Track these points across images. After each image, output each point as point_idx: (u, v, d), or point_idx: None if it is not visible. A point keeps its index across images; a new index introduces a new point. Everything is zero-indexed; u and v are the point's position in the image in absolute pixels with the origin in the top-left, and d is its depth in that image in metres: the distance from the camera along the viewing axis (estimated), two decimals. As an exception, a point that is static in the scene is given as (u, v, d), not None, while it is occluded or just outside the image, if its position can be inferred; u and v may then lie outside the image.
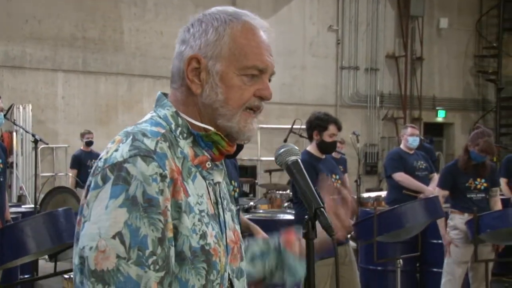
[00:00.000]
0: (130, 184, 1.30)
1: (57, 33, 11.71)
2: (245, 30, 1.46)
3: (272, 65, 1.50)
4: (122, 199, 1.29)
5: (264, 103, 1.51)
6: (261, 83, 1.47)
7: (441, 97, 15.88)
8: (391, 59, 15.26)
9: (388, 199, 6.99)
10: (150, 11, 12.48)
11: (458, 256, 5.31)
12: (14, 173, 11.06)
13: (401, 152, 6.95)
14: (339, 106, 14.56)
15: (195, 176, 1.43)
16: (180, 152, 1.42)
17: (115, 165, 1.32)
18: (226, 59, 1.44)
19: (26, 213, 6.28)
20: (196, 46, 1.46)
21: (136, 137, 1.36)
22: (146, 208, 1.29)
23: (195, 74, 1.45)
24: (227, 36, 1.44)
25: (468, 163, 5.30)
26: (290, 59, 13.90)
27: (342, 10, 14.62)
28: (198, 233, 1.38)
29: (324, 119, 4.63)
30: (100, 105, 12.13)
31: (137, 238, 1.28)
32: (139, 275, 1.27)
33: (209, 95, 1.44)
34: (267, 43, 1.49)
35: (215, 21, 1.46)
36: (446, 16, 15.73)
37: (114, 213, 1.29)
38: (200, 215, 1.40)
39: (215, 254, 1.40)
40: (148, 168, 1.31)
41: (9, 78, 11.41)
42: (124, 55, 12.28)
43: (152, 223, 1.29)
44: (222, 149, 1.48)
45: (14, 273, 5.40)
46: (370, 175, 14.65)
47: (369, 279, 6.68)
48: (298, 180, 1.45)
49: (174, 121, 1.45)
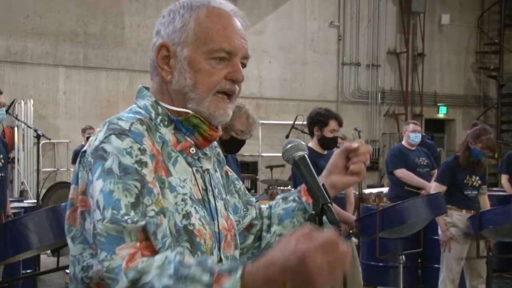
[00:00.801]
0: (107, 160, 1.32)
1: (58, 28, 11.69)
2: (210, 14, 1.47)
3: (244, 48, 1.49)
4: (98, 172, 1.31)
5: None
6: (231, 66, 1.47)
7: (443, 93, 15.86)
8: (393, 55, 15.24)
9: (390, 195, 6.99)
10: (151, 6, 12.46)
11: (456, 253, 5.31)
12: (15, 168, 11.05)
13: (403, 149, 6.95)
14: (340, 102, 14.54)
15: (176, 160, 1.44)
16: (159, 137, 1.44)
17: (94, 150, 1.36)
18: (192, 44, 1.45)
19: (28, 208, 6.27)
20: (165, 34, 1.49)
21: (112, 122, 1.39)
22: (121, 176, 1.30)
23: (165, 61, 1.48)
24: (193, 21, 1.46)
25: (469, 160, 5.30)
26: (291, 54, 13.89)
27: (343, 6, 14.59)
28: (181, 213, 1.39)
29: (324, 115, 4.63)
30: (101, 101, 12.12)
31: (110, 199, 1.29)
32: (119, 231, 1.27)
33: (178, 80, 1.46)
34: (238, 27, 1.49)
35: (181, 9, 1.49)
36: (448, 12, 15.70)
37: (98, 185, 1.31)
38: (183, 196, 1.41)
39: (199, 235, 1.41)
40: (123, 143, 1.33)
41: (10, 73, 11.39)
42: (125, 50, 12.27)
43: (126, 189, 1.30)
44: (204, 134, 1.48)
45: (17, 268, 5.40)
46: (371, 171, 14.64)
47: (371, 275, 6.68)
48: (305, 176, 1.45)
49: (154, 110, 1.48)
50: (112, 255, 1.25)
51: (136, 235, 1.27)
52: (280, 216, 1.68)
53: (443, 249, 5.36)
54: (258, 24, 13.27)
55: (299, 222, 1.67)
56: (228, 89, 1.47)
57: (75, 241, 1.41)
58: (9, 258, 4.13)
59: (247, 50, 1.50)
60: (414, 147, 6.97)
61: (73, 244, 1.42)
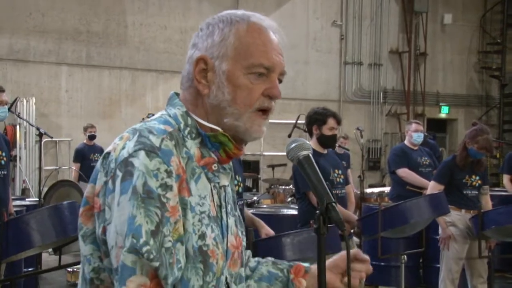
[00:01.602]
0: (133, 177, 1.31)
1: (61, 27, 11.70)
2: (250, 29, 1.47)
3: (281, 64, 1.49)
4: (130, 193, 1.31)
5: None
6: (269, 82, 1.46)
7: (445, 93, 15.85)
8: (395, 55, 15.23)
9: (392, 195, 6.99)
10: (153, 5, 12.46)
11: (455, 252, 5.31)
12: (17, 166, 11.07)
13: (405, 148, 6.95)
14: (342, 101, 14.54)
15: (199, 177, 1.43)
16: (185, 152, 1.42)
17: (122, 162, 1.34)
18: (232, 59, 1.44)
19: (30, 206, 6.27)
20: (203, 47, 1.47)
21: (142, 134, 1.37)
22: (144, 199, 1.30)
23: (202, 75, 1.46)
24: (232, 36, 1.45)
25: (467, 160, 5.30)
26: (293, 54, 13.87)
27: (346, 5, 14.59)
28: (197, 233, 1.38)
29: (322, 113, 4.63)
30: (104, 99, 12.13)
31: (132, 226, 1.29)
32: (133, 261, 1.28)
33: (216, 95, 1.45)
34: (276, 43, 1.49)
35: (221, 23, 1.47)
36: (450, 12, 15.69)
37: (125, 208, 1.31)
38: (200, 216, 1.40)
39: (212, 256, 1.40)
40: (151, 163, 1.32)
41: (12, 71, 11.41)
42: (127, 49, 12.27)
43: (148, 215, 1.29)
44: (229, 152, 1.47)
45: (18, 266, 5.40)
46: (373, 170, 14.65)
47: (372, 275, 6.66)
48: (309, 175, 1.45)
49: (184, 120, 1.46)
50: (122, 286, 1.29)
51: (147, 271, 1.29)
52: (262, 276, 1.68)
53: (442, 247, 5.36)
54: (260, 23, 13.26)
55: None
56: (266, 106, 1.46)
57: (86, 240, 1.41)
58: (11, 256, 4.14)
59: (284, 67, 1.50)
60: (417, 147, 6.97)
61: (83, 242, 1.42)
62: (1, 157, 4.91)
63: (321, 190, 1.40)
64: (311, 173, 1.44)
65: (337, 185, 4.64)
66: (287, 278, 1.68)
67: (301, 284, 1.68)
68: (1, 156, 4.91)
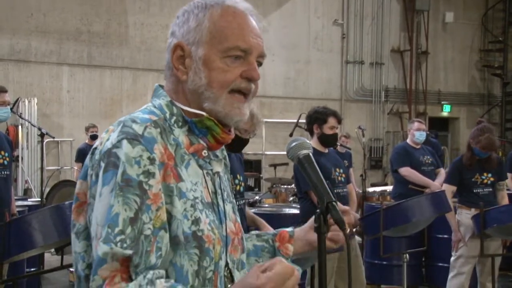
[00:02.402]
0: (119, 167, 1.32)
1: (62, 27, 11.71)
2: (225, 13, 1.46)
3: (259, 46, 1.48)
4: (112, 184, 1.31)
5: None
6: (247, 64, 1.46)
7: (447, 92, 15.84)
8: (396, 53, 15.22)
9: (394, 194, 6.97)
10: (154, 5, 12.47)
11: (466, 252, 5.30)
12: (19, 166, 11.08)
13: (408, 147, 6.93)
14: (344, 100, 14.53)
15: (188, 163, 1.44)
16: (173, 139, 1.43)
17: (105, 153, 1.35)
18: (207, 43, 1.44)
19: (32, 206, 6.28)
20: (180, 35, 1.48)
21: (126, 124, 1.38)
22: (123, 188, 1.30)
23: (180, 61, 1.47)
24: (207, 21, 1.45)
25: (472, 160, 5.29)
26: (294, 53, 13.88)
27: (347, 4, 14.58)
28: (189, 219, 1.38)
29: (322, 112, 4.63)
30: (105, 99, 12.14)
31: (109, 215, 1.29)
32: (106, 252, 1.28)
33: (193, 80, 1.45)
34: (253, 25, 1.48)
35: (196, 9, 1.48)
36: (452, 10, 15.68)
37: (106, 199, 1.31)
38: (193, 201, 1.40)
39: (208, 241, 1.40)
40: (133, 150, 1.33)
41: (14, 72, 11.42)
42: (129, 49, 12.28)
43: (126, 203, 1.29)
44: (217, 136, 1.48)
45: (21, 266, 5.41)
46: (375, 169, 14.64)
47: (374, 274, 6.68)
48: (309, 174, 1.45)
49: (169, 110, 1.47)
50: (94, 276, 1.29)
51: (118, 258, 1.28)
52: (248, 251, 1.68)
53: (454, 249, 5.35)
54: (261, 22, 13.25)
55: None
56: (244, 87, 1.45)
57: (79, 237, 1.42)
58: (14, 256, 4.14)
59: (263, 48, 1.49)
60: (419, 146, 6.95)
61: (77, 240, 1.42)
62: (4, 157, 4.91)
63: (322, 189, 1.40)
64: (311, 172, 1.44)
65: (339, 184, 4.64)
66: (273, 247, 1.70)
67: (288, 250, 1.69)
68: (4, 157, 4.91)
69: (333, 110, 4.77)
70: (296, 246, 1.69)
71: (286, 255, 1.68)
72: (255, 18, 1.50)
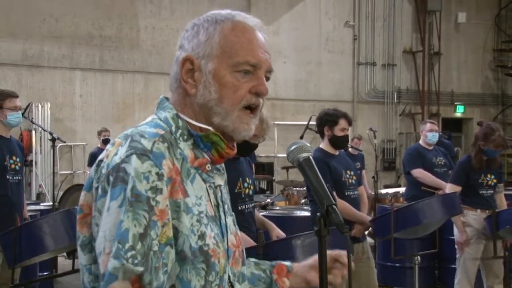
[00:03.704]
0: (128, 183, 1.31)
1: (74, 32, 11.78)
2: (235, 28, 1.47)
3: (267, 61, 1.49)
4: (121, 199, 1.31)
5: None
6: (255, 79, 1.47)
7: (460, 92, 15.74)
8: (409, 54, 15.16)
9: (407, 195, 6.94)
10: (165, 8, 12.51)
11: (471, 253, 5.27)
12: (33, 171, 11.15)
13: (420, 148, 6.89)
14: (355, 102, 14.49)
15: (194, 177, 1.44)
16: (179, 153, 1.43)
17: (114, 168, 1.34)
18: (217, 57, 1.45)
19: (44, 211, 6.32)
20: (189, 48, 1.48)
21: (134, 138, 1.38)
22: (132, 203, 1.30)
23: (189, 75, 1.47)
24: (217, 35, 1.46)
25: (482, 161, 5.25)
26: (305, 55, 13.86)
27: (358, 6, 14.54)
28: (196, 234, 1.39)
29: (333, 114, 4.61)
30: (117, 103, 12.19)
31: (119, 231, 1.29)
32: (117, 268, 1.27)
33: (203, 94, 1.45)
34: (261, 40, 1.49)
35: (206, 23, 1.48)
36: (464, 10, 15.59)
37: (114, 214, 1.31)
38: (198, 216, 1.41)
39: (214, 255, 1.41)
40: (142, 166, 1.32)
41: (27, 77, 11.50)
42: (140, 52, 12.33)
43: (136, 218, 1.29)
44: (221, 151, 1.48)
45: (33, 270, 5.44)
46: (388, 171, 14.58)
47: (387, 276, 6.65)
48: (309, 177, 1.44)
49: (175, 123, 1.47)
50: None
51: (129, 276, 1.28)
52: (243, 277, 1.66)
53: (459, 250, 5.32)
54: (272, 25, 13.26)
55: None
56: (253, 103, 1.46)
57: (84, 249, 1.42)
58: (25, 260, 4.16)
59: (271, 64, 1.50)
60: (432, 147, 6.91)
61: (82, 252, 1.42)
62: (16, 163, 4.95)
63: (322, 192, 1.39)
64: (312, 175, 1.44)
65: (350, 187, 4.62)
66: (270, 278, 1.71)
67: (285, 284, 1.70)
68: (16, 162, 4.95)
69: (344, 112, 4.74)
70: (293, 282, 1.71)
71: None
72: (263, 33, 1.51)
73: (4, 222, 4.46)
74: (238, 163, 3.67)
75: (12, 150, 4.92)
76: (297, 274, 1.71)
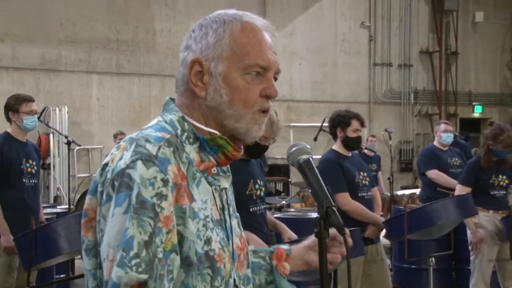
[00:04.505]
0: (133, 189, 1.30)
1: (91, 35, 11.87)
2: (245, 29, 1.45)
3: (276, 63, 1.47)
4: (125, 205, 1.30)
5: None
6: (265, 81, 1.45)
7: (477, 92, 15.63)
8: (425, 55, 15.07)
9: (422, 197, 6.91)
10: (181, 12, 12.56)
11: (485, 254, 5.23)
12: (51, 174, 11.25)
13: (435, 149, 6.86)
14: (372, 103, 14.43)
15: (199, 181, 1.43)
16: (185, 157, 1.41)
17: (119, 173, 1.33)
18: (227, 59, 1.43)
19: (61, 213, 6.38)
20: (197, 49, 1.45)
21: (139, 143, 1.36)
22: (138, 210, 1.29)
23: (198, 77, 1.45)
24: (227, 36, 1.43)
25: (491, 161, 5.22)
26: (321, 56, 13.84)
27: (374, 6, 14.49)
28: (202, 239, 1.37)
29: (345, 115, 4.62)
30: (134, 106, 12.26)
31: (124, 238, 1.28)
32: (119, 276, 1.27)
33: (213, 97, 1.43)
34: (270, 42, 1.48)
35: (214, 23, 1.45)
36: (482, 10, 15.47)
37: (119, 220, 1.30)
38: (204, 221, 1.39)
39: (219, 260, 1.40)
40: (148, 172, 1.31)
41: (45, 81, 11.60)
42: (156, 56, 12.39)
43: (141, 225, 1.28)
44: (228, 154, 1.46)
45: (50, 272, 5.50)
46: (405, 172, 14.51)
47: (403, 278, 6.62)
48: (309, 179, 1.45)
49: (180, 126, 1.45)
50: None
51: (133, 284, 1.28)
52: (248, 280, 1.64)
53: (473, 252, 5.29)
54: (288, 26, 13.27)
55: (260, 282, 1.69)
56: (266, 107, 1.45)
57: (89, 254, 1.41)
58: (41, 263, 4.20)
59: (279, 65, 1.49)
60: (446, 148, 6.87)
61: (87, 256, 1.42)
62: (32, 166, 5.01)
63: (321, 194, 1.40)
64: (311, 177, 1.44)
65: (363, 188, 4.61)
66: (270, 264, 1.69)
67: (285, 268, 1.69)
68: (32, 165, 5.00)
69: (356, 113, 4.74)
70: (293, 265, 1.69)
71: (283, 274, 1.69)
72: (270, 34, 1.50)
73: (20, 225, 4.52)
74: (249, 165, 3.68)
75: (28, 154, 4.98)
76: (297, 257, 1.70)
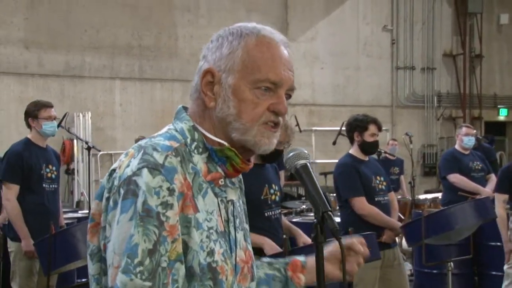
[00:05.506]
0: (138, 196, 1.31)
1: (114, 42, 12.00)
2: (259, 43, 1.44)
3: (290, 79, 1.45)
4: (131, 212, 1.31)
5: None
6: (275, 98, 1.43)
7: (503, 95, 15.45)
8: (449, 58, 14.94)
9: (443, 201, 6.84)
10: (203, 17, 12.63)
11: None
12: (75, 179, 11.38)
13: (456, 153, 6.79)
14: (394, 107, 14.35)
15: (206, 192, 1.42)
16: (191, 167, 1.41)
17: (125, 180, 1.34)
18: (238, 72, 1.42)
19: (82, 218, 6.43)
20: (211, 60, 1.46)
21: (147, 151, 1.37)
22: (143, 218, 1.30)
23: (209, 87, 1.45)
24: (241, 49, 1.43)
25: None
26: (343, 60, 13.80)
27: (396, 9, 14.42)
28: (205, 250, 1.38)
29: (363, 120, 4.60)
30: (156, 111, 12.35)
31: (129, 245, 1.29)
32: (123, 283, 1.28)
33: (221, 108, 1.43)
34: (286, 57, 1.46)
35: (230, 35, 1.45)
36: (506, 12, 15.30)
37: (124, 227, 1.31)
38: (208, 232, 1.39)
39: (221, 272, 1.39)
40: (153, 180, 1.32)
41: (70, 87, 11.75)
42: (179, 61, 12.46)
43: (146, 233, 1.29)
44: (236, 166, 1.46)
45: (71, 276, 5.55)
46: (428, 176, 14.38)
47: (424, 283, 6.55)
48: (306, 184, 1.45)
49: (190, 135, 1.45)
50: None
51: None
52: (260, 279, 1.65)
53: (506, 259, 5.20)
54: (310, 30, 13.26)
55: None
56: (272, 120, 1.44)
57: (93, 259, 1.42)
58: (60, 267, 4.26)
59: (293, 82, 1.47)
60: (468, 151, 6.80)
61: (91, 261, 1.43)
62: (52, 171, 5.06)
63: (318, 199, 1.40)
64: (308, 182, 1.44)
65: (379, 192, 4.59)
66: (285, 276, 1.67)
67: (301, 280, 1.67)
68: (52, 171, 5.06)
69: (374, 118, 4.72)
70: (308, 277, 1.67)
71: (298, 285, 1.67)
72: (289, 49, 1.48)
73: (40, 230, 4.57)
74: (264, 169, 3.70)
75: (48, 159, 5.04)
76: (313, 269, 1.63)
